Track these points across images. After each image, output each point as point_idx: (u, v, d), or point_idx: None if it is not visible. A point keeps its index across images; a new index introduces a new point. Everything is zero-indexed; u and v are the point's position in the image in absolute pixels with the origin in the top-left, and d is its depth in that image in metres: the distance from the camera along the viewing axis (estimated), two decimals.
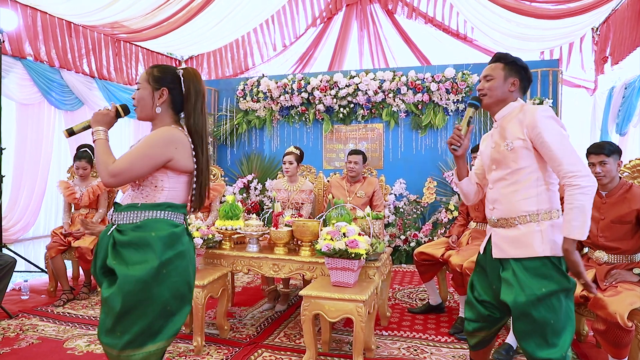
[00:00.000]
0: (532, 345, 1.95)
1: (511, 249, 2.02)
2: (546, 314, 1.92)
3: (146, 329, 1.74)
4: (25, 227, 5.44)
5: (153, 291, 1.74)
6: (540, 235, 1.96)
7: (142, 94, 1.91)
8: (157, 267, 1.74)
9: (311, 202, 4.28)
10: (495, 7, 6.00)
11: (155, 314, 1.75)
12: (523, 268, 1.97)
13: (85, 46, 5.99)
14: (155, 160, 1.79)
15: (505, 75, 2.08)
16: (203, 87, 1.95)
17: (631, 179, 3.04)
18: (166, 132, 1.84)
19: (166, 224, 1.82)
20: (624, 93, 5.36)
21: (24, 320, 3.74)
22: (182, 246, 1.83)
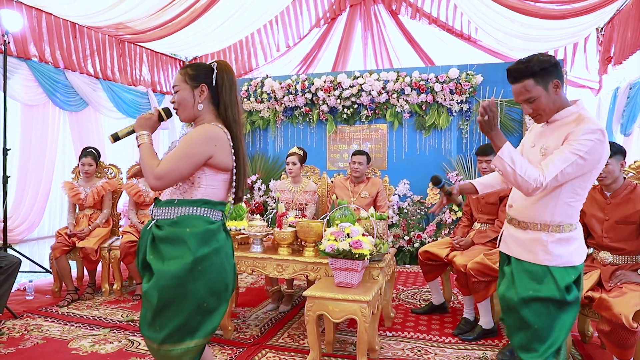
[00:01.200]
0: (516, 342, 2.01)
1: (516, 249, 2.04)
2: (530, 317, 1.94)
3: (183, 324, 1.76)
4: (30, 227, 5.45)
5: (188, 287, 1.75)
6: (545, 246, 1.96)
7: (182, 95, 1.92)
8: (192, 263, 1.75)
9: (315, 203, 4.28)
10: (499, 8, 5.98)
11: (191, 310, 1.77)
12: (522, 268, 2.00)
13: (89, 47, 6.00)
14: (197, 159, 1.81)
15: (543, 86, 1.93)
16: (234, 77, 1.97)
17: (636, 179, 3.03)
18: (206, 130, 1.84)
19: (202, 220, 1.83)
20: (628, 93, 5.33)
21: (29, 321, 3.76)
22: (217, 243, 1.84)
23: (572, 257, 1.97)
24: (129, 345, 3.26)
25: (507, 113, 5.88)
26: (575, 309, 1.99)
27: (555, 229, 1.96)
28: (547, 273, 1.95)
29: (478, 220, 3.87)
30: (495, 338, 3.37)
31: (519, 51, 6.88)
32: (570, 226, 1.98)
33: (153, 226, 1.86)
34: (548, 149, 1.97)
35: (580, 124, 1.89)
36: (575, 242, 2.00)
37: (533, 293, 1.94)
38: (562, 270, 1.95)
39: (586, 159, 1.84)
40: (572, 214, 1.99)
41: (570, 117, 1.96)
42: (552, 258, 1.95)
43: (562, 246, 1.96)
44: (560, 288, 1.93)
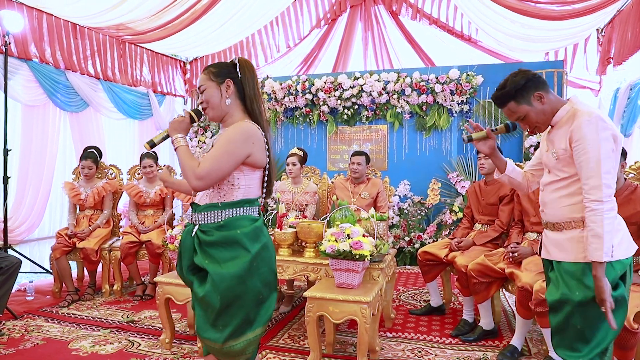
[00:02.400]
0: (556, 342, 1.97)
1: (555, 252, 2.01)
2: (576, 319, 1.89)
3: (245, 319, 1.84)
4: (31, 228, 5.45)
5: (248, 284, 1.82)
6: (582, 243, 1.91)
7: (209, 92, 1.94)
8: (250, 261, 1.82)
9: (315, 204, 4.28)
10: (499, 8, 5.98)
11: (251, 304, 1.84)
12: (564, 271, 1.96)
13: (90, 48, 6.01)
14: (237, 157, 1.83)
15: (527, 103, 1.99)
16: (256, 73, 2.01)
17: (636, 180, 3.03)
18: (243, 127, 1.87)
19: (247, 220, 1.89)
20: (629, 94, 5.34)
21: (29, 321, 3.76)
22: (265, 238, 1.92)
23: (616, 251, 1.88)
24: (129, 346, 3.26)
25: None
26: (623, 308, 1.91)
27: None
28: (587, 272, 1.88)
29: (479, 221, 3.87)
30: (495, 339, 3.37)
31: (519, 52, 6.90)
32: None
33: (198, 231, 1.88)
34: (558, 152, 1.97)
35: (575, 120, 1.90)
36: (618, 233, 1.92)
37: (580, 295, 1.88)
38: (607, 265, 1.86)
39: (603, 148, 1.83)
40: None
41: (566, 115, 1.98)
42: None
43: None
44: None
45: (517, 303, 3.03)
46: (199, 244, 1.87)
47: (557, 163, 1.98)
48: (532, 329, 3.47)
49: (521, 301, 2.97)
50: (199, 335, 1.87)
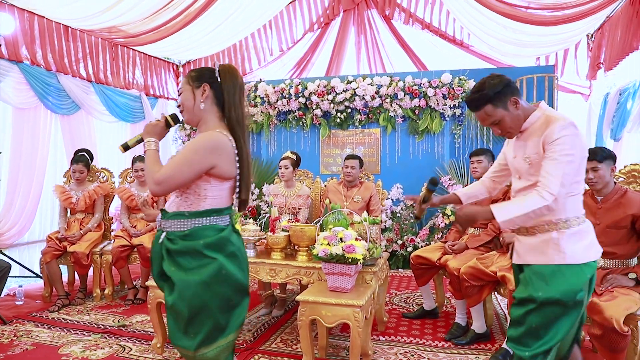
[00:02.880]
0: (511, 334, 2.02)
1: (528, 255, 2.03)
2: (533, 317, 1.94)
3: (215, 325, 1.81)
4: (21, 231, 5.41)
5: (215, 291, 1.80)
6: (557, 244, 1.94)
7: (184, 96, 1.93)
8: (217, 269, 1.80)
9: (308, 207, 4.28)
10: (491, 14, 6.03)
11: (220, 310, 1.82)
12: (533, 272, 1.99)
13: (82, 50, 5.98)
14: (198, 167, 1.79)
15: (503, 108, 2.00)
16: (241, 80, 1.96)
17: (626, 184, 3.06)
18: (210, 138, 1.82)
19: (212, 230, 1.85)
20: (618, 99, 5.40)
21: (19, 326, 3.72)
22: (232, 246, 1.88)
23: (588, 252, 1.95)
24: (120, 351, 3.23)
25: None
26: (578, 311, 1.96)
27: (563, 226, 1.95)
28: (557, 273, 1.92)
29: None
30: (488, 342, 3.38)
31: (510, 57, 6.95)
32: (577, 219, 1.97)
33: (165, 239, 1.87)
34: (531, 158, 1.99)
35: (550, 124, 1.92)
36: (588, 236, 1.98)
37: (543, 294, 1.92)
38: (577, 268, 1.92)
39: (573, 154, 1.87)
40: (576, 206, 1.98)
41: (537, 122, 2.00)
42: (566, 256, 1.92)
43: (575, 242, 1.94)
44: (572, 289, 1.90)
45: (509, 306, 3.04)
46: (167, 251, 1.85)
47: (529, 168, 2.00)
48: None
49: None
50: (173, 344, 1.86)
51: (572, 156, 1.87)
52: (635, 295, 2.57)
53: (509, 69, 6.27)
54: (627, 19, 4.89)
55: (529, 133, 2.02)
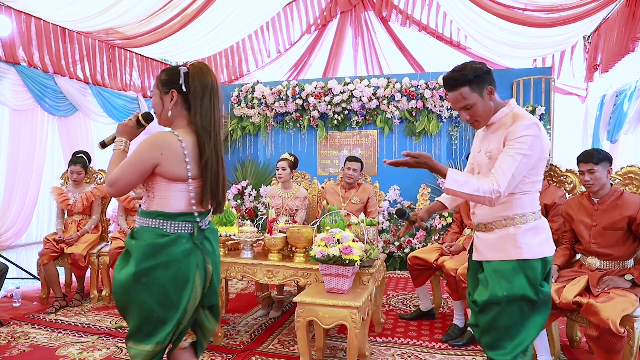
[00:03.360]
0: (485, 342, 2.02)
1: (487, 252, 2.05)
2: (503, 318, 1.96)
3: (137, 329, 1.79)
4: (18, 233, 5.39)
5: (134, 297, 1.76)
6: (514, 240, 1.98)
7: (154, 100, 1.92)
8: (133, 274, 1.74)
9: (305, 209, 4.28)
10: (488, 15, 6.05)
11: (141, 318, 1.78)
12: (492, 270, 2.01)
13: (79, 52, 5.97)
14: (141, 167, 1.76)
15: (478, 93, 1.99)
16: (211, 81, 1.84)
17: (622, 185, 3.08)
18: (153, 137, 1.79)
19: (152, 233, 1.80)
20: (614, 101, 5.42)
21: (16, 328, 3.71)
22: (166, 256, 1.77)
23: (543, 247, 1.98)
24: (118, 352, 3.23)
25: None
26: (547, 308, 2.00)
27: (520, 221, 1.98)
28: (517, 269, 1.95)
29: (468, 226, 3.90)
30: None
31: (507, 58, 6.97)
32: (534, 214, 2.00)
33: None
34: (492, 152, 2.01)
35: (515, 122, 1.94)
36: (544, 232, 2.02)
37: (507, 293, 1.94)
38: (533, 263, 1.95)
39: (530, 155, 1.88)
40: (532, 202, 2.01)
41: (504, 117, 2.02)
42: (523, 251, 1.95)
43: (531, 236, 1.97)
44: (533, 284, 1.94)
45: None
46: None
47: (489, 163, 2.02)
48: None
49: None
50: None
51: (528, 157, 1.88)
52: (632, 296, 2.58)
53: (506, 71, 6.29)
54: (623, 21, 4.91)
55: (495, 128, 2.04)
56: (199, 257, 1.85)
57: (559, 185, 3.50)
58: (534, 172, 1.97)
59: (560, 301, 2.69)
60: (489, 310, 1.99)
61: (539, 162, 1.97)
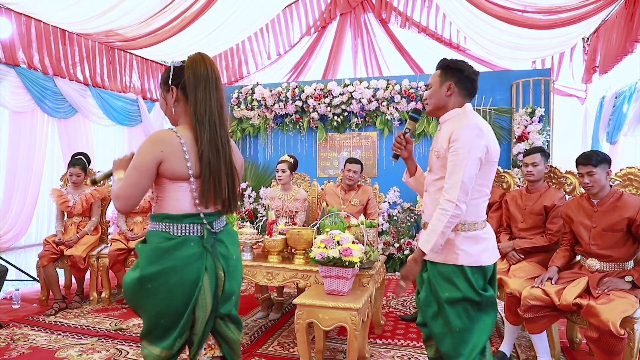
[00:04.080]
0: (444, 349, 2.04)
1: (431, 253, 2.05)
2: (452, 319, 1.98)
3: (149, 331, 1.77)
4: (17, 235, 5.38)
5: (141, 302, 1.75)
6: (453, 245, 2.01)
7: (160, 101, 1.90)
8: (138, 279, 1.71)
9: (305, 211, 4.28)
10: (487, 17, 6.06)
11: (150, 322, 1.75)
12: (436, 272, 2.04)
13: (79, 54, 5.97)
14: (145, 168, 1.68)
15: (441, 81, 2.08)
16: (207, 71, 1.76)
17: (622, 187, 3.07)
18: (151, 136, 1.73)
19: (158, 237, 1.74)
20: (614, 102, 5.42)
21: (15, 330, 3.71)
22: (171, 261, 1.70)
23: (480, 257, 2.00)
24: (117, 355, 3.23)
25: (495, 121, 5.94)
26: (494, 309, 2.03)
27: (461, 228, 2.01)
28: (458, 273, 1.98)
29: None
30: None
31: (506, 60, 6.97)
32: (475, 224, 2.02)
33: None
34: (439, 151, 2.05)
35: (458, 123, 1.98)
36: (483, 242, 2.03)
37: (449, 295, 1.98)
38: (468, 270, 1.98)
39: (473, 153, 1.92)
40: (475, 212, 2.02)
41: (452, 118, 2.07)
42: (460, 257, 1.98)
43: (470, 244, 2.00)
44: (474, 287, 1.97)
45: (506, 309, 3.06)
46: None
47: (437, 161, 2.06)
48: (520, 335, 3.49)
49: (510, 307, 3.00)
50: None
51: (470, 160, 1.91)
52: (632, 298, 2.58)
53: (505, 73, 6.29)
54: (622, 23, 4.92)
55: (444, 127, 2.08)
56: (209, 262, 1.77)
57: (558, 187, 3.50)
58: (481, 176, 1.98)
59: (561, 303, 2.69)
60: (436, 317, 2.03)
61: (485, 166, 1.98)
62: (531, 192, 3.42)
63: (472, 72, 2.08)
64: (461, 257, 1.99)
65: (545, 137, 5.55)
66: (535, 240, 3.34)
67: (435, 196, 2.06)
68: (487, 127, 2.00)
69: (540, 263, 3.23)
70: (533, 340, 2.94)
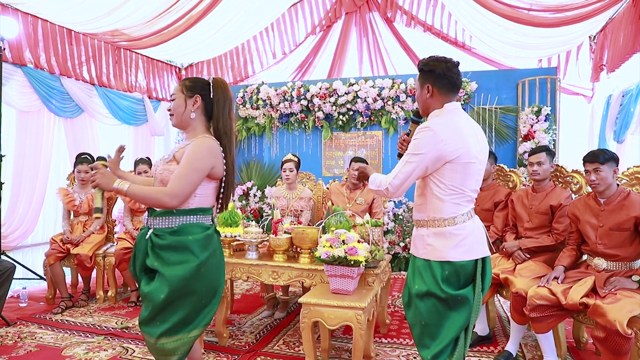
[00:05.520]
0: (414, 336, 2.12)
1: (412, 247, 2.17)
2: (422, 312, 2.03)
3: (183, 319, 1.95)
4: (24, 234, 5.42)
5: (193, 287, 1.94)
6: (424, 240, 2.06)
7: (177, 102, 2.08)
8: (197, 266, 1.94)
9: (310, 210, 4.29)
10: (493, 16, 6.03)
11: (192, 306, 1.96)
12: (414, 265, 2.12)
13: (85, 53, 6.00)
14: (204, 172, 1.97)
15: (420, 84, 2.14)
16: (231, 94, 2.13)
17: (629, 186, 3.05)
18: (206, 144, 1.99)
19: (199, 227, 2.00)
20: (621, 101, 5.38)
21: (22, 328, 3.74)
22: (213, 246, 2.03)
23: (446, 252, 1.99)
24: (124, 353, 3.24)
25: (501, 120, 5.92)
26: (465, 308, 2.01)
27: (431, 224, 2.05)
28: (427, 267, 2.03)
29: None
30: (490, 345, 3.38)
31: (512, 59, 6.94)
32: (444, 221, 2.01)
33: (152, 235, 1.99)
34: None
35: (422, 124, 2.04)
36: (454, 238, 2.00)
37: (418, 288, 2.04)
38: (434, 265, 2.01)
39: (421, 153, 1.95)
40: (444, 209, 2.01)
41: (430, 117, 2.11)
42: (428, 251, 2.03)
43: (438, 240, 2.01)
44: (438, 282, 1.99)
45: (512, 309, 3.04)
46: (152, 246, 1.97)
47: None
48: (526, 334, 3.49)
49: (516, 307, 2.99)
50: (140, 328, 2.00)
51: (418, 155, 1.96)
52: (639, 297, 2.56)
53: (511, 71, 6.27)
54: (630, 21, 4.89)
55: None
56: (221, 246, 2.16)
57: (565, 186, 3.48)
58: (444, 175, 1.98)
59: (567, 302, 2.68)
60: (411, 303, 2.10)
61: (447, 164, 1.96)
62: (537, 192, 3.41)
63: (445, 68, 2.06)
64: (428, 251, 2.04)
65: (551, 136, 5.52)
66: (541, 239, 3.32)
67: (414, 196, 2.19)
68: (452, 128, 1.97)
69: (547, 262, 3.21)
70: (539, 339, 2.93)
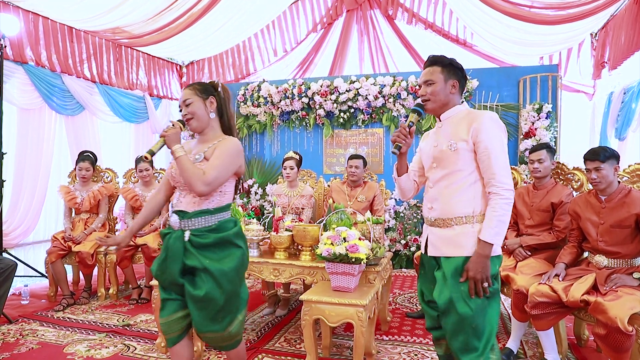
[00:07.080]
0: (456, 346, 1.98)
1: (445, 248, 2.04)
2: (467, 312, 1.93)
3: (238, 305, 2.13)
4: (26, 231, 5.43)
5: (241, 274, 2.15)
6: (473, 237, 1.98)
7: (195, 106, 2.15)
8: (242, 255, 2.13)
9: (311, 207, 4.29)
10: (494, 13, 6.02)
11: (241, 289, 2.15)
12: (452, 267, 2.00)
13: (86, 51, 6.01)
14: (235, 168, 2.13)
15: (444, 78, 2.09)
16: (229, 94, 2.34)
17: (630, 183, 3.05)
18: (237, 144, 2.15)
19: (232, 222, 2.18)
20: (622, 98, 5.38)
21: (24, 325, 3.74)
22: (244, 237, 2.24)
23: (497, 247, 1.98)
24: (125, 350, 3.25)
25: (502, 117, 5.90)
26: (498, 301, 2.02)
27: (479, 219, 1.99)
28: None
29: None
30: None
31: (514, 56, 6.94)
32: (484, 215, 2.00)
33: (191, 236, 2.06)
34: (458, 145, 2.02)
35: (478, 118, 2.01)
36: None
37: (466, 288, 1.95)
38: (496, 259, 1.98)
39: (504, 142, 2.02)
40: (484, 202, 2.02)
41: (461, 114, 2.09)
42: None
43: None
44: (497, 278, 1.99)
45: (513, 306, 3.05)
46: (194, 247, 2.05)
47: (453, 154, 2.03)
48: (527, 331, 3.49)
49: (517, 304, 2.99)
50: (199, 332, 2.08)
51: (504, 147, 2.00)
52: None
53: (512, 69, 6.25)
54: (632, 18, 4.88)
55: (453, 122, 2.09)
56: None
57: (566, 184, 3.48)
58: None
59: (568, 299, 2.68)
60: (455, 306, 1.96)
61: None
62: (538, 189, 3.41)
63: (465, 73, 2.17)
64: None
65: (552, 133, 5.52)
66: (542, 237, 3.32)
67: (447, 191, 2.04)
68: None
69: (548, 260, 3.21)
70: (540, 337, 2.93)
